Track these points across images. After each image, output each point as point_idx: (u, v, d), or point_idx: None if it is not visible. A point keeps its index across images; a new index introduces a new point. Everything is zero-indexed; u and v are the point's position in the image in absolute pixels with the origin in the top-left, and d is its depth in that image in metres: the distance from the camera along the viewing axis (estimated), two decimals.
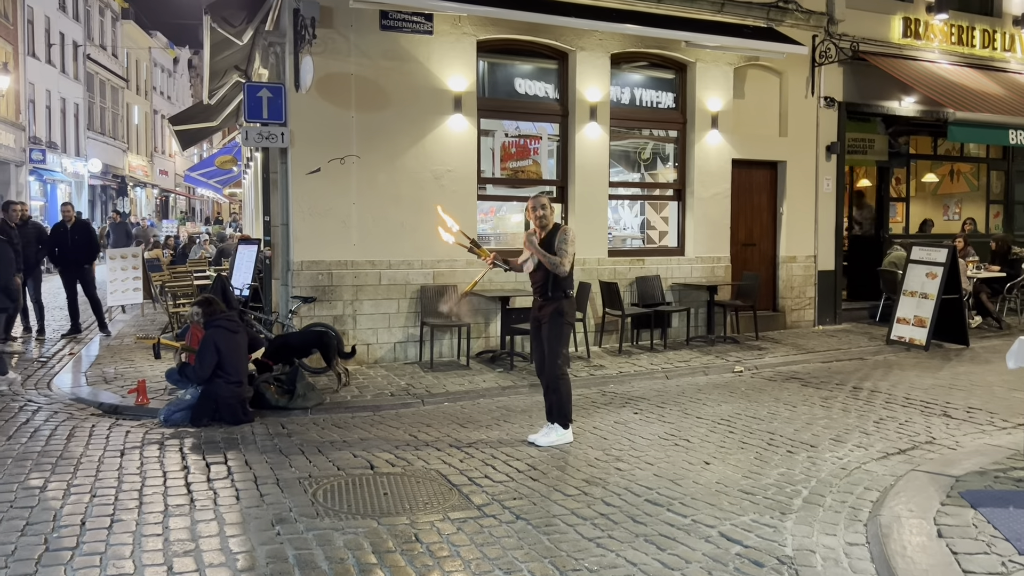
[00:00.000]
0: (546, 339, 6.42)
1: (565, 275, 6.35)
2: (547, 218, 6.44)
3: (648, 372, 9.32)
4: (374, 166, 9.56)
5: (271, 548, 4.31)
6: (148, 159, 47.46)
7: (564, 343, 6.45)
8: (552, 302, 6.36)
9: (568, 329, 6.50)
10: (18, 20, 29.98)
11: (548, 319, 6.38)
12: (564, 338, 6.45)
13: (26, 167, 30.48)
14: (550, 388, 6.43)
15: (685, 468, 5.76)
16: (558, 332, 6.39)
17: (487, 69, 10.48)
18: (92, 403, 7.73)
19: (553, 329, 6.38)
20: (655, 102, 11.55)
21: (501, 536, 4.50)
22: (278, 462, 5.84)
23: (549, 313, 6.37)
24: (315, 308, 9.23)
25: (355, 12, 9.19)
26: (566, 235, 6.35)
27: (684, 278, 11.44)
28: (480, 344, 10.06)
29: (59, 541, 4.37)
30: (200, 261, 16.86)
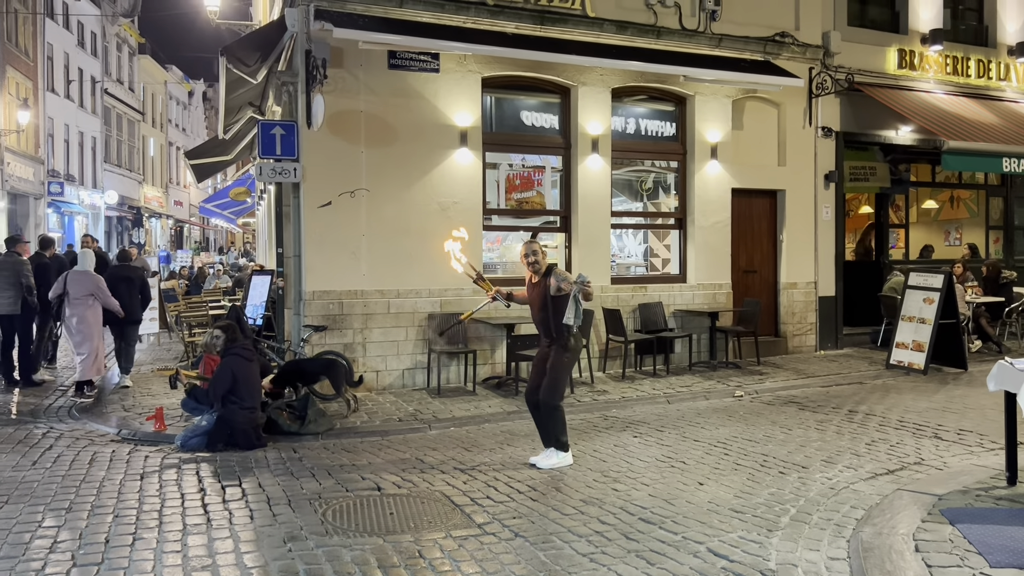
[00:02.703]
0: (550, 367, 6.63)
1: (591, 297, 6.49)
2: (539, 263, 6.64)
3: (650, 397, 9.55)
4: (383, 199, 9.91)
5: (283, 563, 4.58)
6: (163, 190, 48.25)
7: (567, 373, 6.73)
8: (559, 338, 6.57)
9: (573, 360, 6.76)
10: (38, 56, 30.81)
11: (554, 351, 6.60)
12: (568, 368, 6.72)
13: (44, 199, 31.14)
14: (545, 413, 6.64)
15: (679, 488, 6.00)
16: (563, 362, 6.62)
17: (492, 104, 10.86)
18: (112, 430, 8.03)
19: (559, 359, 6.61)
20: (656, 133, 11.89)
21: (500, 552, 4.75)
22: (290, 484, 6.12)
23: (556, 347, 6.59)
24: (326, 336, 9.54)
25: (364, 52, 9.59)
26: (563, 276, 6.55)
27: (686, 304, 11.70)
28: (486, 370, 10.34)
29: (85, 557, 4.66)
30: (215, 291, 17.25)
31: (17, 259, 10.54)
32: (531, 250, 6.67)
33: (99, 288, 9.95)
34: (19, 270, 10.40)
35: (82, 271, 10.05)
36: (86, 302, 9.88)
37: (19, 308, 10.40)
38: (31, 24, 30.17)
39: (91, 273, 10.09)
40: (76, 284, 9.89)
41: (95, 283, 9.96)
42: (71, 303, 9.86)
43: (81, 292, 9.85)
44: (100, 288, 9.97)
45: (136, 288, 10.61)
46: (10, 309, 10.36)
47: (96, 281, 9.99)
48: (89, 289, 9.89)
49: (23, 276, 10.39)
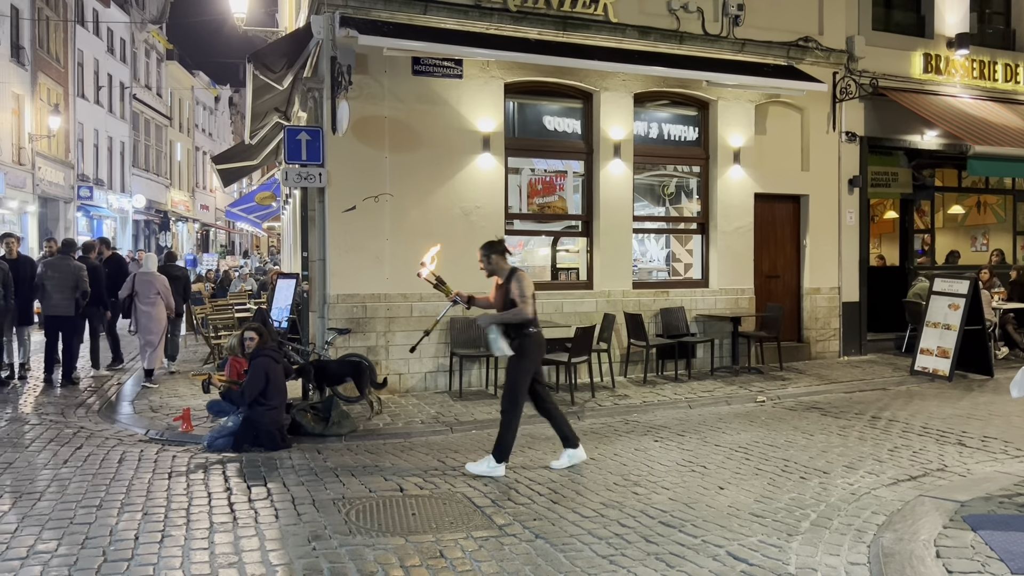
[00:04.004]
0: (506, 372, 6.62)
1: (529, 318, 6.48)
2: (497, 267, 6.57)
3: (671, 402, 9.57)
4: (406, 204, 10.02)
5: (307, 562, 4.66)
6: (190, 194, 48.86)
7: (521, 378, 6.50)
8: (516, 340, 6.49)
9: (530, 365, 6.53)
10: (69, 63, 31.37)
11: (513, 355, 6.54)
12: (522, 373, 6.49)
13: (74, 203, 31.68)
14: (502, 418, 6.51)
15: (700, 493, 6.02)
16: (516, 367, 6.51)
17: (514, 109, 10.94)
18: (140, 430, 8.18)
19: (512, 364, 6.57)
20: (678, 138, 11.91)
21: (520, 553, 4.81)
22: (314, 484, 6.22)
23: (515, 349, 6.53)
24: (350, 339, 9.65)
25: (389, 59, 9.71)
26: (521, 282, 6.44)
27: (708, 309, 11.69)
28: None
29: (116, 553, 4.77)
30: (240, 294, 17.46)
31: (74, 263, 10.92)
32: (483, 254, 6.62)
33: (164, 287, 10.99)
34: (77, 274, 10.86)
35: (148, 272, 11.03)
36: (153, 300, 10.80)
37: (72, 310, 10.83)
38: (62, 31, 30.73)
39: (156, 274, 11.10)
40: (144, 284, 10.83)
41: (161, 283, 10.97)
42: (140, 301, 10.76)
43: (148, 291, 10.79)
44: (165, 287, 11.00)
45: (181, 286, 12.03)
46: (64, 311, 10.78)
47: (162, 281, 11.01)
48: (156, 288, 10.85)
49: (80, 280, 10.85)
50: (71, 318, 10.90)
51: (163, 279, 11.07)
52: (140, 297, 10.79)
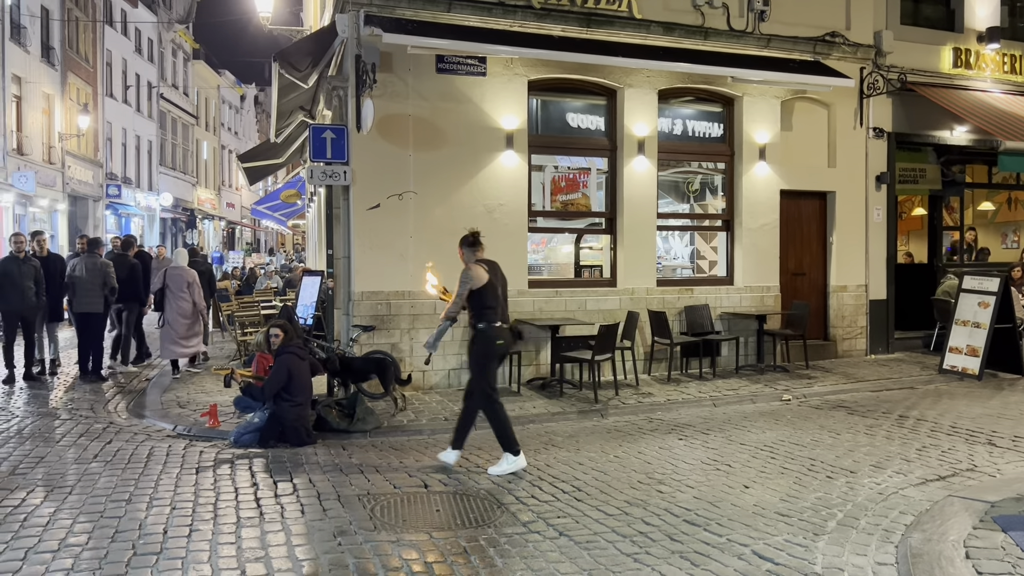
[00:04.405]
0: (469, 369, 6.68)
1: (454, 314, 6.58)
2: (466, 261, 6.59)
3: (696, 400, 9.52)
4: (430, 201, 10.04)
5: (333, 557, 4.70)
6: (216, 192, 49.33)
7: (484, 373, 6.50)
8: (472, 335, 6.59)
9: (483, 360, 6.53)
10: (98, 63, 31.78)
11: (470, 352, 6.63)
12: (482, 368, 6.51)
13: (103, 202, 32.10)
14: (486, 416, 6.56)
15: (725, 491, 5.99)
16: (475, 363, 6.60)
17: (538, 107, 10.93)
18: (168, 426, 8.29)
19: (471, 360, 6.66)
20: (703, 135, 11.84)
21: (545, 551, 4.81)
22: (339, 480, 6.26)
23: (469, 345, 6.62)
24: (374, 336, 9.70)
25: (413, 57, 9.74)
26: (462, 278, 6.48)
27: (733, 307, 11.61)
28: (531, 371, 10.40)
29: (145, 547, 4.84)
30: (266, 291, 17.61)
31: (101, 260, 11.18)
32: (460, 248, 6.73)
33: (195, 281, 11.49)
34: (105, 271, 11.15)
35: (179, 266, 11.60)
36: (184, 294, 11.29)
37: (101, 307, 11.13)
38: (91, 31, 31.14)
39: (187, 268, 11.66)
40: (175, 278, 11.35)
41: (192, 276, 11.51)
42: (172, 294, 11.28)
43: (179, 285, 11.31)
44: (195, 281, 11.50)
45: (205, 280, 12.64)
46: (92, 307, 11.03)
47: (192, 275, 11.53)
48: (186, 281, 11.37)
49: (108, 277, 11.16)
50: (100, 315, 11.14)
51: (193, 273, 11.54)
52: (171, 290, 11.27)
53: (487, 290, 6.45)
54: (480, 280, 6.43)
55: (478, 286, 6.43)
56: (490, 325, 6.49)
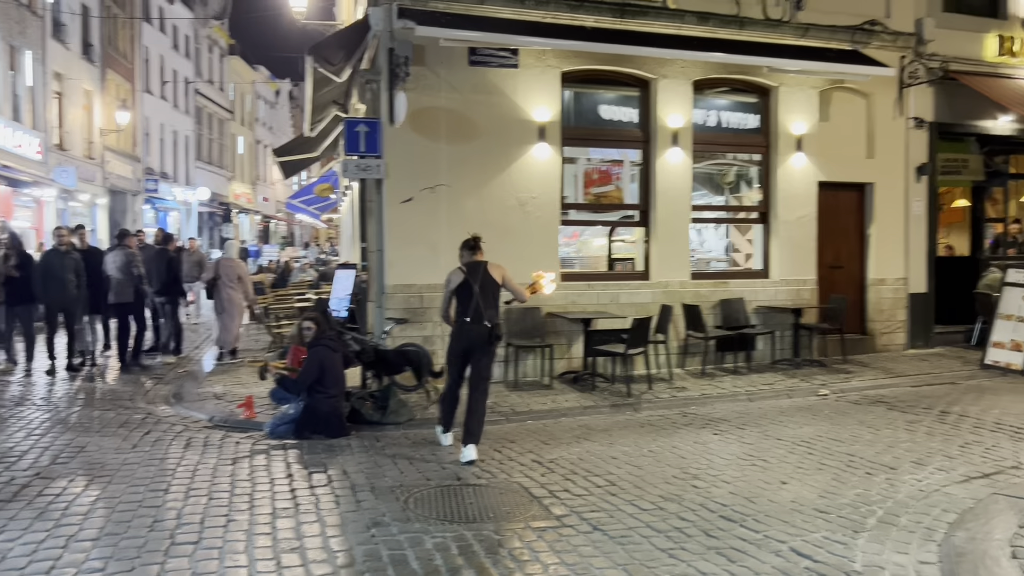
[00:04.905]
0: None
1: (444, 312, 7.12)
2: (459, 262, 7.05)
3: (731, 394, 9.41)
4: (462, 194, 10.03)
5: (367, 548, 4.71)
6: (251, 186, 49.88)
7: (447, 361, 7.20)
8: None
9: (449, 352, 7.06)
10: (136, 60, 32.26)
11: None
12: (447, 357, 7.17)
13: (141, 196, 32.63)
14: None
15: (761, 487, 5.91)
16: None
17: (570, 98, 10.85)
18: (204, 416, 8.39)
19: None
20: (738, 126, 11.68)
21: (579, 545, 4.78)
22: (373, 472, 6.29)
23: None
24: (407, 329, 9.72)
25: (445, 49, 9.72)
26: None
27: (769, 301, 11.46)
28: (563, 365, 10.35)
29: (182, 536, 4.89)
30: (300, 284, 17.76)
31: (128, 251, 11.37)
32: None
33: (245, 272, 12.18)
34: (131, 261, 11.39)
35: (229, 258, 12.35)
36: (233, 285, 11.85)
37: (132, 297, 11.38)
38: (129, 28, 31.61)
39: (237, 260, 12.41)
40: (226, 269, 11.97)
41: (242, 269, 12.29)
42: (222, 285, 11.82)
43: (230, 276, 11.89)
44: (245, 274, 12.17)
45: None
46: (126, 298, 11.31)
47: (244, 268, 12.31)
48: (237, 273, 11.98)
49: (134, 267, 11.39)
50: (133, 305, 11.42)
51: (243, 265, 12.20)
52: (223, 281, 11.83)
53: (460, 290, 6.86)
54: (454, 282, 6.92)
55: (452, 287, 6.93)
56: (459, 320, 6.89)
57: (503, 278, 6.98)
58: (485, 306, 6.78)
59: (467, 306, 6.79)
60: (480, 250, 7.02)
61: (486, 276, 6.87)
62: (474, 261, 6.94)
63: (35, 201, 23.50)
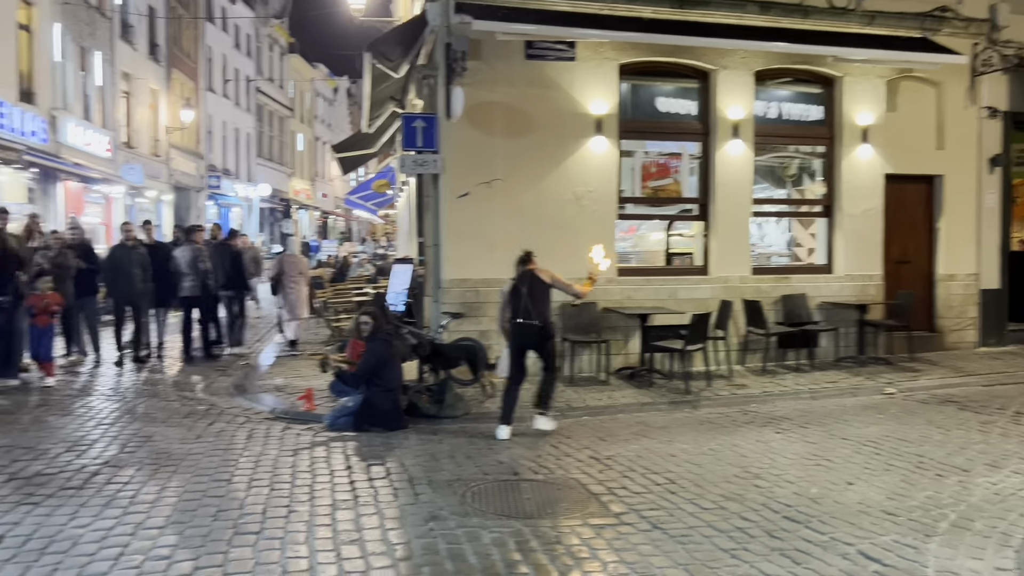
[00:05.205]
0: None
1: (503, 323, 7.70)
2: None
3: (793, 392, 9.21)
4: (518, 189, 10.00)
5: (425, 541, 4.73)
6: (310, 183, 50.70)
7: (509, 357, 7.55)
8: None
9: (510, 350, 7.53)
10: (199, 59, 33.05)
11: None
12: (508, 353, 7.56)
13: (204, 192, 33.43)
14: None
15: (826, 488, 5.75)
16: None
17: (628, 91, 10.72)
18: (266, 408, 8.54)
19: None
20: (801, 117, 11.41)
21: (638, 543, 4.71)
22: (430, 465, 6.31)
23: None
24: (463, 323, 9.74)
25: (502, 44, 9.70)
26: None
27: (832, 296, 11.17)
28: (619, 361, 10.25)
29: (245, 526, 4.98)
30: (358, 279, 17.98)
31: (196, 247, 11.70)
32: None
33: (306, 269, 12.78)
34: (198, 256, 11.72)
35: (293, 254, 13.09)
36: (297, 280, 12.42)
37: (199, 291, 11.69)
38: (193, 28, 32.39)
39: (300, 256, 13.11)
40: (290, 265, 12.51)
41: (304, 264, 12.90)
42: (287, 280, 12.36)
43: (294, 271, 12.46)
44: (307, 269, 12.78)
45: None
46: (193, 292, 11.66)
47: (305, 263, 12.89)
48: (300, 268, 12.60)
49: (201, 262, 11.70)
50: (200, 299, 11.71)
51: (305, 261, 12.81)
52: (286, 276, 12.36)
53: (511, 295, 7.46)
54: (506, 290, 7.60)
55: (505, 295, 7.60)
56: (512, 321, 7.44)
57: (552, 279, 7.51)
58: (534, 307, 7.33)
59: (517, 308, 7.38)
60: (532, 262, 7.57)
61: (534, 280, 7.43)
62: (525, 271, 7.52)
63: (104, 197, 24.27)
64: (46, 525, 4.94)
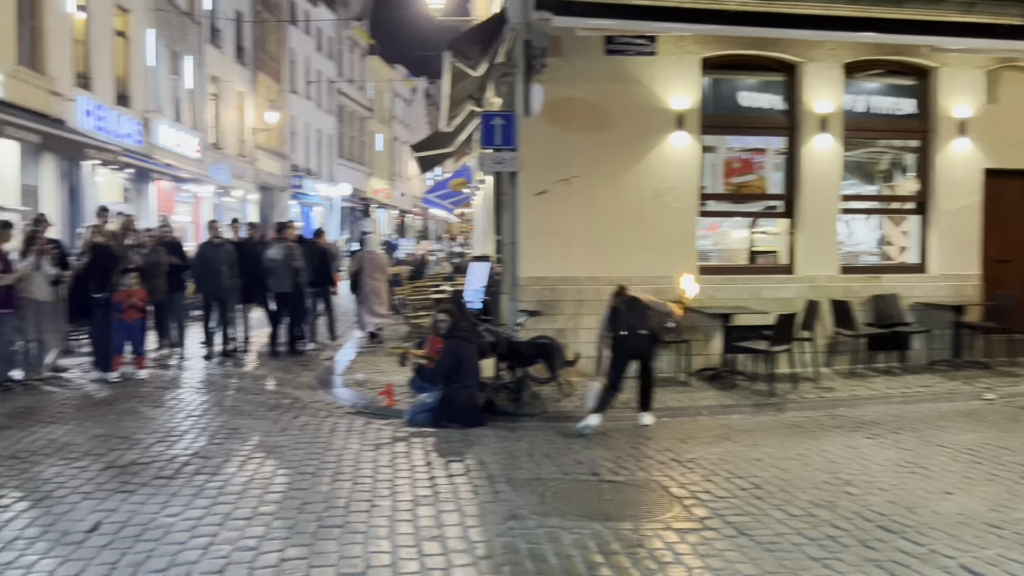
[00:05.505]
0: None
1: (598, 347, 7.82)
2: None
3: (883, 396, 8.86)
4: (596, 185, 9.90)
5: (505, 540, 4.70)
6: (389, 182, 51.51)
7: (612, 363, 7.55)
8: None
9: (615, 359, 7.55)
10: (283, 61, 33.93)
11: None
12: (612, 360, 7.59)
13: (288, 192, 34.33)
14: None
15: (923, 497, 5.48)
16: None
17: (710, 85, 10.48)
18: (348, 402, 8.67)
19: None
20: (893, 110, 10.96)
21: (724, 549, 4.58)
22: (509, 463, 6.29)
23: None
24: (539, 321, 9.69)
25: (581, 39, 9.60)
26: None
27: (926, 297, 10.69)
28: (701, 361, 10.03)
29: (328, 520, 5.04)
30: (436, 276, 18.14)
31: (288, 244, 12.05)
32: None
33: (385, 264, 13.40)
34: (291, 254, 12.12)
35: (372, 252, 13.59)
36: (377, 276, 12.94)
37: (291, 287, 12.07)
38: (277, 31, 33.28)
39: (379, 253, 13.83)
40: (369, 262, 13.07)
41: (384, 261, 13.61)
42: (367, 276, 12.88)
43: (373, 267, 13.01)
44: (386, 265, 13.38)
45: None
46: (285, 288, 12.04)
47: (384, 260, 13.61)
48: (379, 264, 13.19)
49: (293, 259, 12.07)
50: (290, 295, 12.06)
51: (385, 258, 13.39)
52: (366, 272, 12.87)
53: (611, 317, 7.61)
54: (604, 316, 7.71)
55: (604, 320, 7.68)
56: (616, 338, 7.56)
57: (649, 301, 7.74)
58: (635, 320, 7.51)
59: (620, 324, 7.53)
60: (627, 292, 7.77)
61: (633, 300, 7.66)
62: (623, 297, 7.72)
63: (193, 197, 25.17)
64: (140, 513, 5.11)
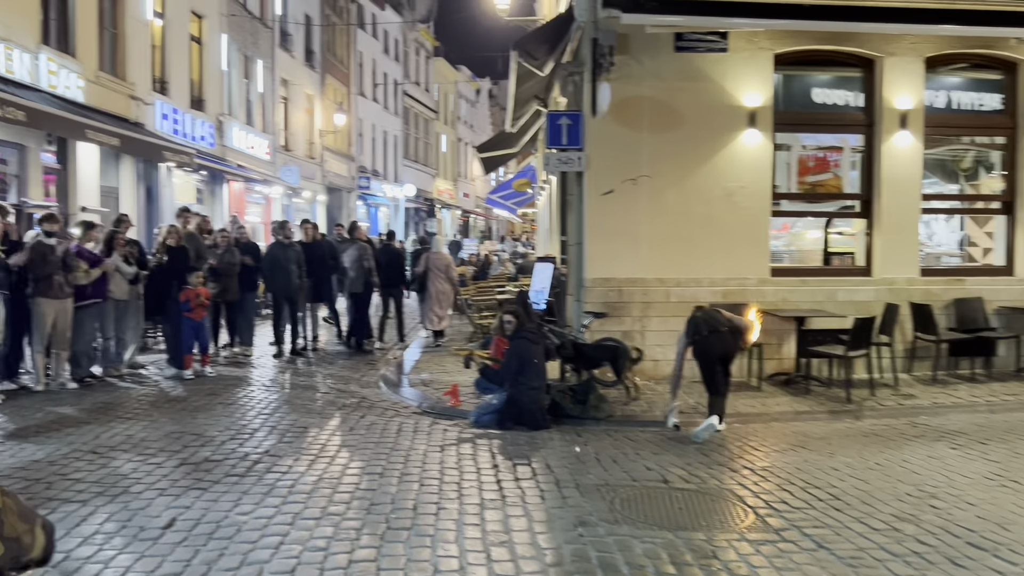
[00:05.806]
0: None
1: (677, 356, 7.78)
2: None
3: (968, 404, 8.47)
4: (664, 185, 9.72)
5: (575, 548, 4.61)
6: (453, 183, 51.86)
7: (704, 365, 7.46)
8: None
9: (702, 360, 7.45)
10: (351, 64, 34.44)
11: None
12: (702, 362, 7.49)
13: (355, 193, 34.83)
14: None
15: (1015, 512, 5.19)
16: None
17: (782, 82, 10.19)
18: (414, 402, 8.70)
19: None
20: (977, 106, 10.48)
21: (802, 563, 4.40)
22: (576, 468, 6.19)
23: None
24: (605, 323, 9.55)
25: (650, 37, 9.44)
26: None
27: (1013, 301, 10.19)
28: (773, 366, 9.75)
29: (396, 521, 5.03)
30: (500, 277, 18.14)
31: (361, 245, 12.27)
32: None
33: (451, 264, 13.36)
34: (363, 255, 12.43)
35: (438, 252, 13.63)
36: (442, 275, 12.95)
37: (362, 287, 12.34)
38: (345, 35, 33.80)
39: (444, 253, 13.65)
40: (435, 262, 13.07)
41: (449, 261, 13.42)
42: (433, 275, 12.90)
43: (439, 268, 13.00)
44: (451, 264, 13.36)
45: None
46: (356, 288, 12.31)
47: (450, 260, 13.50)
48: (445, 264, 13.15)
49: (365, 260, 12.37)
50: (361, 295, 12.30)
51: (450, 258, 13.33)
52: (432, 272, 12.88)
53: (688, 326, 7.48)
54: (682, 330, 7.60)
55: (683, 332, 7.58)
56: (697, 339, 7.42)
57: (728, 316, 7.55)
58: (712, 322, 7.35)
59: (699, 328, 7.38)
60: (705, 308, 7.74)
61: (706, 309, 7.62)
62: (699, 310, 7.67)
63: (264, 198, 25.74)
64: (213, 510, 5.18)
